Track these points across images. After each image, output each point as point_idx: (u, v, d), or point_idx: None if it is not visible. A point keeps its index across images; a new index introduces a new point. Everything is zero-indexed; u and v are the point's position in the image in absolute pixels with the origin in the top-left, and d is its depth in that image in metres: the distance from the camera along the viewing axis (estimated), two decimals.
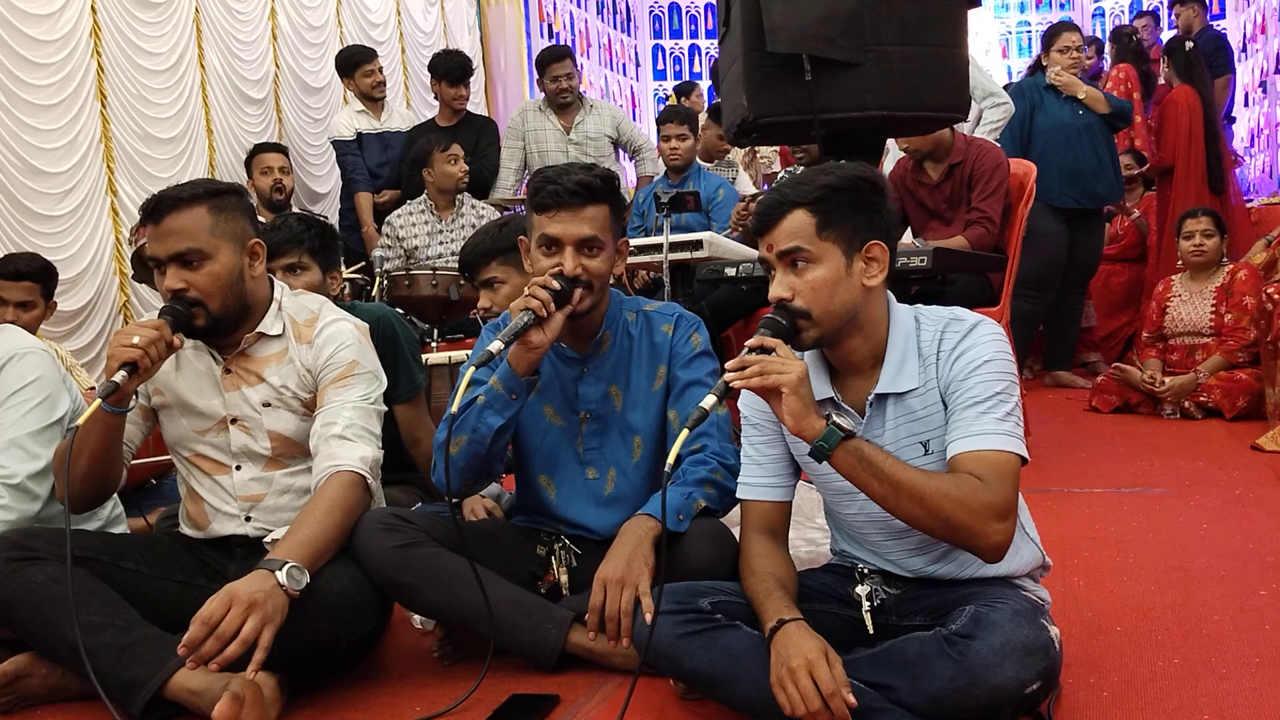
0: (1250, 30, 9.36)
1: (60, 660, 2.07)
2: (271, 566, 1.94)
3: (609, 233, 2.20)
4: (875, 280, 1.84)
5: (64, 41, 4.96)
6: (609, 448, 2.29)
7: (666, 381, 2.27)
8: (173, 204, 2.20)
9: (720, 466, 2.18)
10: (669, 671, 1.92)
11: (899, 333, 1.88)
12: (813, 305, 1.81)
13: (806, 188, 1.82)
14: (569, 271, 2.13)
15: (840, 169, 1.86)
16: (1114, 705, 1.87)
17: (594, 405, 2.29)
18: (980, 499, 1.70)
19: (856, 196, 1.83)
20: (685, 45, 11.88)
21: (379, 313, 2.94)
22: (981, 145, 4.45)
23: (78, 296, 4.96)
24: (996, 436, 1.76)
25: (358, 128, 6.02)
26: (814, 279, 1.81)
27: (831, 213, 1.81)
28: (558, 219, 2.15)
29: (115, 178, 5.24)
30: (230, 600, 1.86)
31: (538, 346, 2.09)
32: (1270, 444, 4.06)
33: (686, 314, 2.34)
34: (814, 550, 2.53)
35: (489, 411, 2.13)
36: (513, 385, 2.13)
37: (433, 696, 2.08)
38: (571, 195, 2.14)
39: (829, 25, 3.12)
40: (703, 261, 4.27)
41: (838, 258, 1.81)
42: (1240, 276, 5.06)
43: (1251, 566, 2.62)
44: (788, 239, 1.81)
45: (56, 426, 2.43)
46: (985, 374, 1.80)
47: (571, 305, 2.13)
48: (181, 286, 2.19)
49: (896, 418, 1.87)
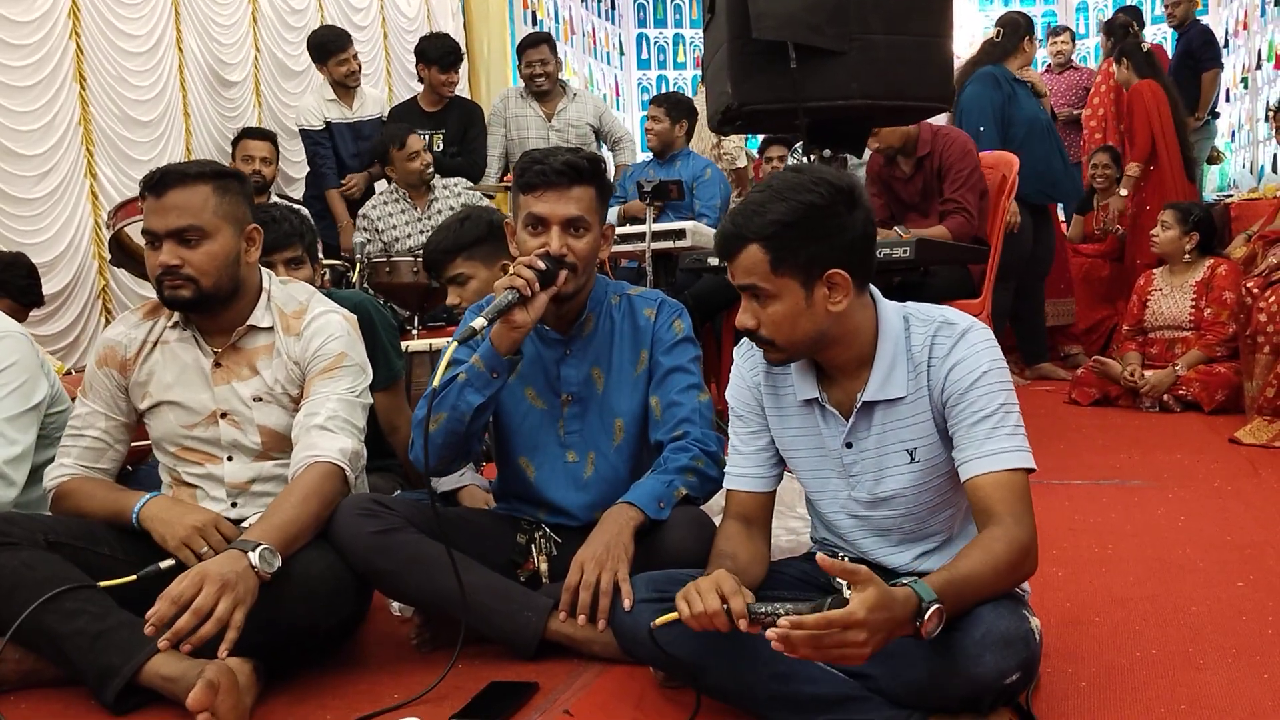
0: (1232, 26, 9.40)
1: (33, 646, 2.04)
2: (244, 548, 1.93)
3: (595, 214, 2.19)
4: (840, 305, 1.80)
5: (41, 21, 4.90)
6: (589, 430, 2.28)
7: (649, 366, 2.26)
8: (178, 179, 2.19)
9: (702, 454, 2.18)
10: (648, 659, 1.92)
11: (887, 337, 1.86)
12: (775, 336, 1.81)
13: (759, 221, 1.76)
14: (555, 251, 2.13)
15: (797, 191, 1.76)
16: (1092, 695, 1.87)
17: (576, 387, 2.28)
18: (1022, 547, 1.69)
19: (812, 226, 1.76)
20: (669, 34, 11.85)
21: (356, 300, 2.92)
22: (947, 134, 4.43)
23: (55, 280, 4.90)
24: (1010, 454, 1.76)
25: (328, 116, 5.79)
26: (774, 313, 1.80)
27: (785, 247, 1.76)
28: (544, 198, 2.15)
29: (95, 161, 5.19)
30: (202, 579, 1.84)
31: (520, 326, 2.09)
32: (1248, 437, 4.08)
33: (669, 300, 2.33)
34: (794, 539, 2.53)
35: (469, 389, 2.12)
36: (494, 364, 2.12)
37: (410, 684, 2.07)
38: (558, 175, 2.14)
39: (814, 13, 3.12)
40: (685, 251, 4.26)
41: (796, 291, 1.78)
42: (1220, 271, 5.08)
43: (1229, 558, 2.64)
44: (744, 275, 1.79)
45: (34, 412, 2.41)
46: (986, 385, 1.79)
47: (556, 286, 2.12)
48: (176, 263, 2.17)
49: (884, 424, 1.86)
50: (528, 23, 9.10)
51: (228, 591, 1.84)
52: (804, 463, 1.97)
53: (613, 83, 11.19)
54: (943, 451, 1.85)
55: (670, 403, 2.22)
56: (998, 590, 1.68)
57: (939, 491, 1.88)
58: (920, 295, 1.97)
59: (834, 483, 1.94)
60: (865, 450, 1.88)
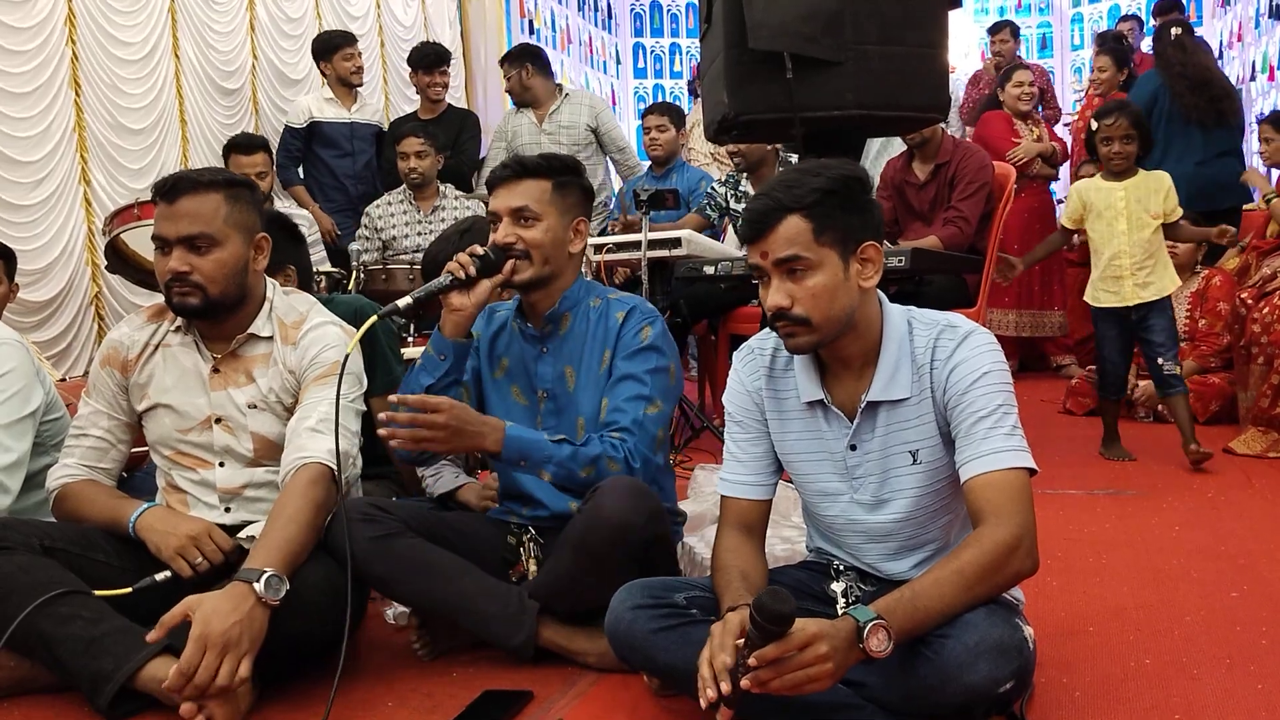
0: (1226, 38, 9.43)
1: (27, 651, 2.03)
2: (249, 578, 1.91)
3: (548, 206, 2.26)
4: (871, 281, 1.83)
5: (38, 29, 4.91)
6: (564, 428, 2.28)
7: (609, 367, 2.27)
8: (191, 186, 2.21)
9: (623, 460, 2.14)
10: (643, 666, 1.91)
11: (892, 337, 1.86)
12: (813, 312, 1.79)
13: (799, 191, 1.77)
14: (499, 240, 2.24)
15: (828, 168, 1.82)
16: (1086, 705, 1.88)
17: (550, 384, 2.31)
18: (1001, 547, 1.68)
19: (849, 197, 1.80)
20: (666, 43, 11.87)
21: (357, 305, 2.92)
22: (968, 148, 4.51)
23: (48, 287, 4.91)
24: (1006, 454, 1.76)
25: (321, 115, 5.80)
26: (814, 286, 1.78)
27: (827, 216, 1.77)
28: (496, 195, 2.29)
29: (89, 168, 5.19)
30: (204, 644, 1.82)
31: (459, 309, 2.21)
32: (1242, 447, 4.09)
33: (645, 305, 2.32)
34: (790, 548, 2.53)
35: (422, 372, 2.25)
36: (440, 346, 2.25)
37: (404, 691, 2.07)
38: (504, 169, 2.28)
39: (810, 23, 3.13)
40: (681, 259, 4.27)
41: (835, 262, 1.79)
42: (1215, 282, 5.11)
43: (1223, 568, 2.64)
44: (785, 246, 1.78)
45: (30, 419, 2.41)
46: (985, 386, 1.79)
47: (503, 274, 2.22)
48: (185, 269, 2.19)
49: (888, 425, 1.87)
50: (524, 31, 9.11)
51: (231, 650, 1.83)
52: (805, 466, 1.96)
53: (609, 92, 11.20)
54: (945, 455, 1.85)
55: (615, 408, 2.21)
56: (977, 594, 1.66)
57: (940, 496, 1.88)
58: (916, 304, 1.97)
59: (836, 486, 1.93)
60: (869, 452, 1.88)
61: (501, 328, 2.40)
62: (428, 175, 5.07)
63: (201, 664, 1.81)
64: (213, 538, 2.17)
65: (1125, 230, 3.92)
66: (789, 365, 1.96)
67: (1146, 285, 3.91)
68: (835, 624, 1.56)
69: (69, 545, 2.17)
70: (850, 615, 1.58)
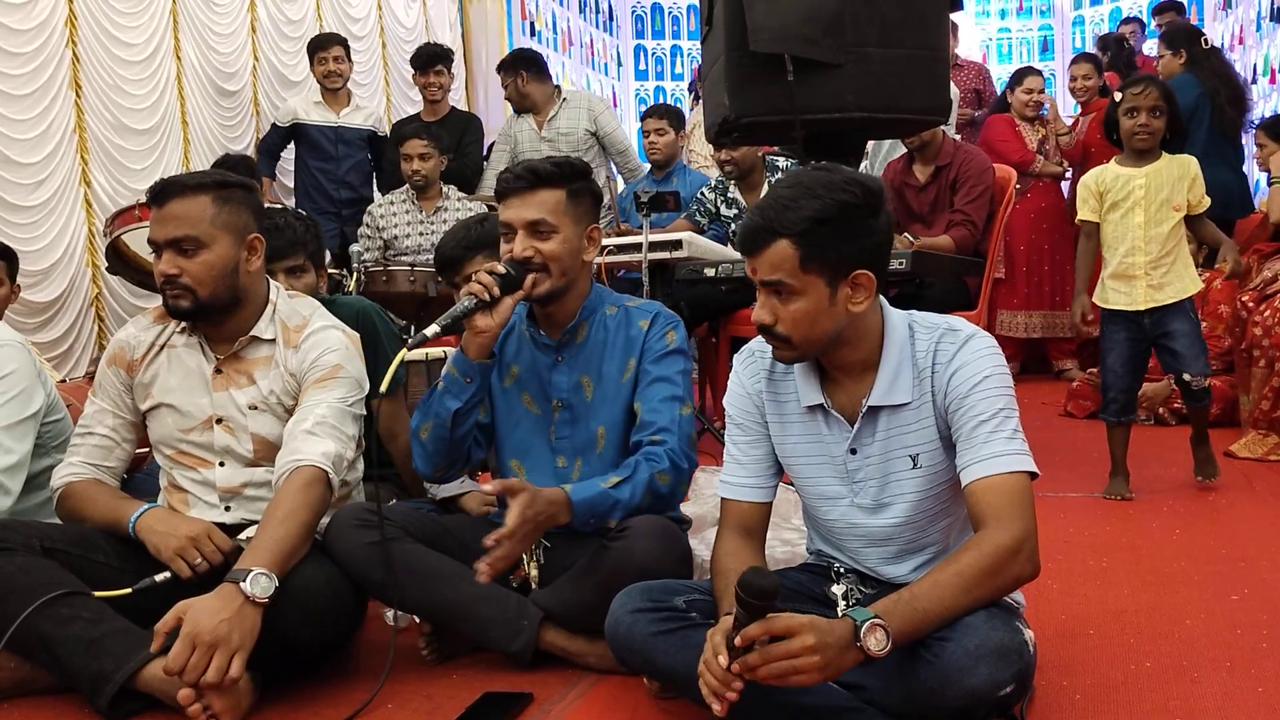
0: (1227, 40, 9.43)
1: (26, 652, 2.04)
2: (237, 578, 1.93)
3: (563, 216, 2.20)
4: (861, 306, 1.81)
5: (39, 30, 4.91)
6: (578, 437, 2.28)
7: (635, 374, 2.26)
8: (179, 190, 2.23)
9: (670, 467, 2.14)
10: (643, 669, 1.91)
11: (893, 342, 1.86)
12: (792, 333, 1.80)
13: (791, 216, 1.74)
14: (517, 254, 2.17)
15: (831, 189, 1.75)
16: (1087, 708, 1.87)
17: (565, 394, 2.29)
18: (1002, 551, 1.68)
19: (843, 225, 1.76)
20: (667, 46, 11.86)
21: (359, 306, 2.92)
22: (969, 150, 4.51)
23: (50, 289, 4.91)
24: (1007, 458, 1.75)
25: (306, 118, 5.82)
26: (795, 310, 1.79)
27: (816, 245, 1.75)
28: (509, 205, 2.21)
29: (89, 169, 5.19)
30: (192, 642, 1.84)
31: (484, 330, 2.14)
32: (1244, 451, 4.09)
33: (666, 311, 2.33)
34: (790, 551, 2.52)
35: (447, 395, 2.18)
36: (465, 369, 2.18)
37: (405, 693, 2.07)
38: (518, 180, 2.19)
39: (811, 26, 3.13)
40: (682, 261, 4.26)
41: (821, 289, 1.78)
42: (1216, 285, 5.09)
43: (1224, 571, 2.64)
44: (770, 270, 1.78)
45: (31, 421, 2.42)
46: (986, 390, 1.79)
47: (524, 290, 2.16)
48: (174, 272, 2.21)
49: (888, 429, 1.86)
50: (525, 34, 9.11)
51: (220, 647, 1.84)
52: (805, 470, 1.96)
53: (610, 94, 11.20)
54: (945, 459, 1.85)
55: (652, 409, 2.21)
56: (977, 597, 1.66)
57: (940, 499, 1.88)
58: (916, 307, 1.97)
59: (836, 489, 1.93)
60: (870, 456, 1.88)
61: (508, 334, 2.35)
62: (430, 177, 5.08)
63: (190, 662, 1.83)
64: (212, 539, 2.17)
65: (1141, 224, 3.47)
66: (789, 368, 1.96)
67: (1162, 286, 3.45)
68: (831, 621, 1.57)
69: (69, 546, 2.17)
70: (848, 616, 1.58)
